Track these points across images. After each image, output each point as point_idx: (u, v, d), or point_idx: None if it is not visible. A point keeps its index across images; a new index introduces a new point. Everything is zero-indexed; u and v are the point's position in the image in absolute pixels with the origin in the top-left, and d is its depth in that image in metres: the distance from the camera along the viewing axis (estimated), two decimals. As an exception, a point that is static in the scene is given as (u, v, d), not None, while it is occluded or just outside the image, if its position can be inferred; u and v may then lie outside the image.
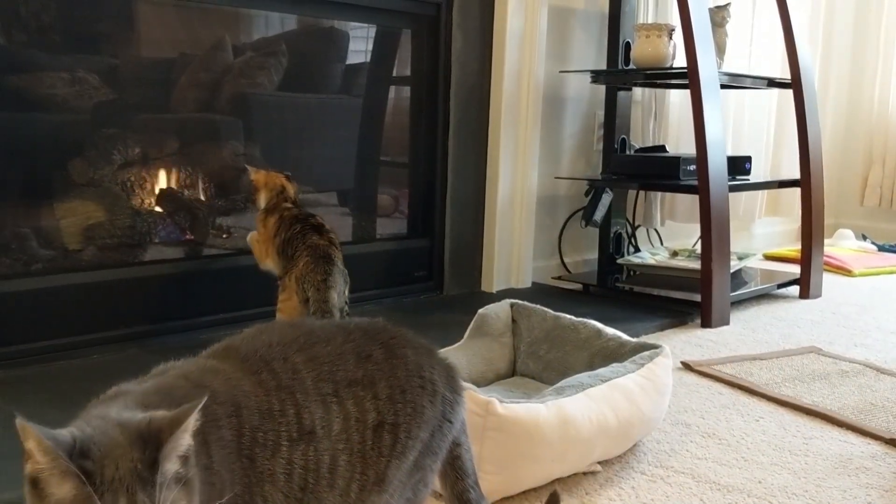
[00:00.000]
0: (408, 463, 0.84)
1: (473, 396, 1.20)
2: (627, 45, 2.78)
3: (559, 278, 2.78)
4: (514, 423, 1.20)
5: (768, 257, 3.53)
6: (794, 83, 2.74)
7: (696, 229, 3.19)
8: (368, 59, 2.47)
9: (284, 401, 0.79)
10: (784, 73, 2.91)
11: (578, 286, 2.72)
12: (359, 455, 0.81)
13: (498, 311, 1.71)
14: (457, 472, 0.93)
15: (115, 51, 1.96)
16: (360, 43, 2.46)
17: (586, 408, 1.27)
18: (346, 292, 1.83)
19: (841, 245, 3.68)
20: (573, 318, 1.67)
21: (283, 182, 1.90)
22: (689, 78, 2.32)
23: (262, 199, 1.89)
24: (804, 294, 2.78)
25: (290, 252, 1.80)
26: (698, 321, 2.36)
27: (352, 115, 2.47)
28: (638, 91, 3.02)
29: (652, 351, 1.46)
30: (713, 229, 2.32)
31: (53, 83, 1.83)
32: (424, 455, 0.87)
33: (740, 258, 2.86)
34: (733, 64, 2.88)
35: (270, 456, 0.77)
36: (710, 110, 2.31)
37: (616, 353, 1.53)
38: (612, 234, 2.88)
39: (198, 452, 0.70)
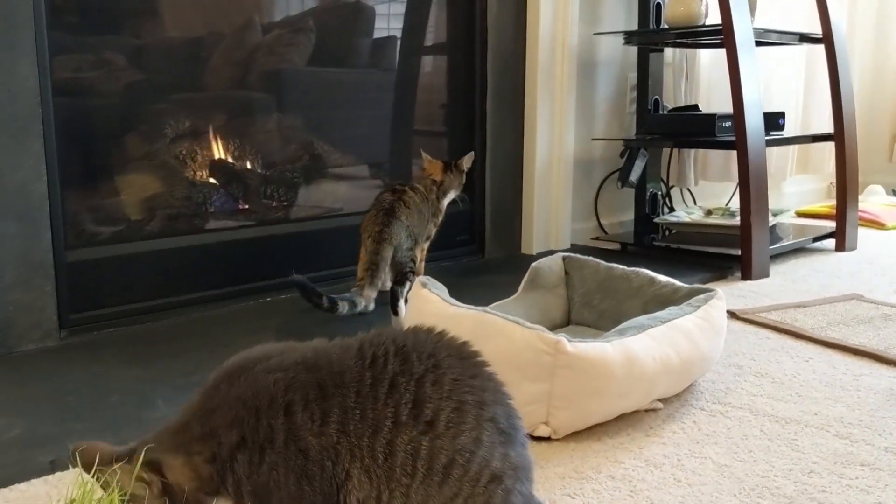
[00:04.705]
0: None
1: (543, 336, 1.26)
2: (658, 6, 2.81)
3: (597, 239, 2.83)
4: (583, 361, 1.26)
5: (800, 214, 3.56)
6: (826, 38, 2.76)
7: (728, 189, 3.23)
8: (402, 27, 2.51)
9: (398, 386, 0.82)
10: (812, 29, 2.92)
11: (616, 246, 2.77)
12: (469, 483, 0.81)
13: (551, 265, 1.77)
14: None
15: (140, 32, 2.02)
16: (396, 8, 2.50)
17: (649, 347, 1.33)
18: (417, 251, 1.91)
19: (871, 201, 3.70)
20: (625, 268, 1.72)
21: (438, 169, 2.05)
22: (724, 35, 2.35)
23: None
24: (840, 247, 2.81)
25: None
26: (738, 275, 2.41)
27: (388, 85, 2.51)
28: (669, 52, 3.05)
29: (707, 294, 1.51)
30: (751, 183, 2.36)
31: (83, 66, 1.90)
32: None
33: (774, 214, 2.89)
34: (763, 20, 2.89)
35: (371, 434, 0.81)
36: (746, 67, 2.34)
37: (670, 299, 1.58)
38: (647, 195, 2.92)
39: (281, 437, 0.81)
